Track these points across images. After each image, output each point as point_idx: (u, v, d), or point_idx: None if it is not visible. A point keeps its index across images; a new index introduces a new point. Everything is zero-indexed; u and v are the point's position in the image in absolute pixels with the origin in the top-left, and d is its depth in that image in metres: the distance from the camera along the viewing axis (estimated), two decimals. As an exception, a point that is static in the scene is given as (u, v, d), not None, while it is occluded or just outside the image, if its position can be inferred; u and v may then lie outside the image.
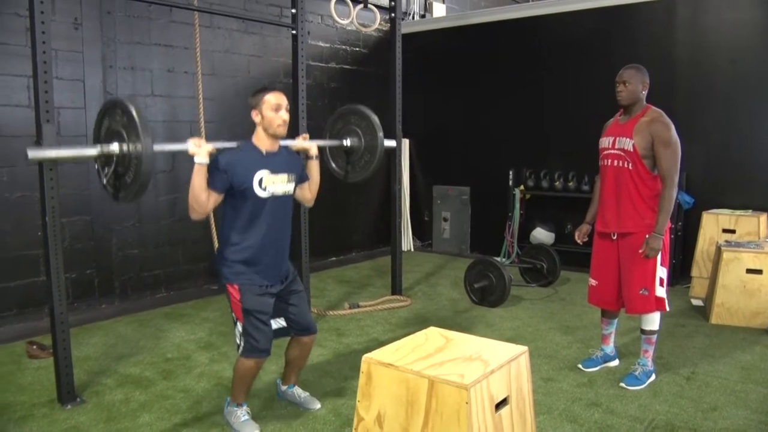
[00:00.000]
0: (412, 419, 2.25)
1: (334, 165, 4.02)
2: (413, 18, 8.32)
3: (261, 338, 3.04)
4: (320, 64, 7.07)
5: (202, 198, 2.88)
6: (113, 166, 2.87)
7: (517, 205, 7.05)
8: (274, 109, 3.01)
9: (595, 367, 3.93)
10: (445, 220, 7.89)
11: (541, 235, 6.87)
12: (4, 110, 4.60)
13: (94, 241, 5.20)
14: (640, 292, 3.58)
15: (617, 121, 3.68)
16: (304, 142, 3.38)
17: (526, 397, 2.50)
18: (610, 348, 3.99)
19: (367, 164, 3.83)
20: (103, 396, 3.57)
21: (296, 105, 4.63)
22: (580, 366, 3.94)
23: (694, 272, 5.51)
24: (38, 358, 4.13)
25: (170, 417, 3.31)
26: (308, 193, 3.37)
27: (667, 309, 3.65)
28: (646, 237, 3.50)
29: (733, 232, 5.32)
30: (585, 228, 3.96)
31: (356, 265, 7.26)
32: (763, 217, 5.35)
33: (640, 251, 3.51)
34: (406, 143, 7.79)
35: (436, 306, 5.45)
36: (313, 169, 3.36)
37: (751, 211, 5.51)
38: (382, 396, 2.34)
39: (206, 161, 2.87)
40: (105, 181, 2.98)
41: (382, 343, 4.06)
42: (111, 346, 4.40)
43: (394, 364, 2.32)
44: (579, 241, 3.96)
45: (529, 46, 7.05)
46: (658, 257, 3.54)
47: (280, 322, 3.27)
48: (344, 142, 3.86)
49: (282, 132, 3.05)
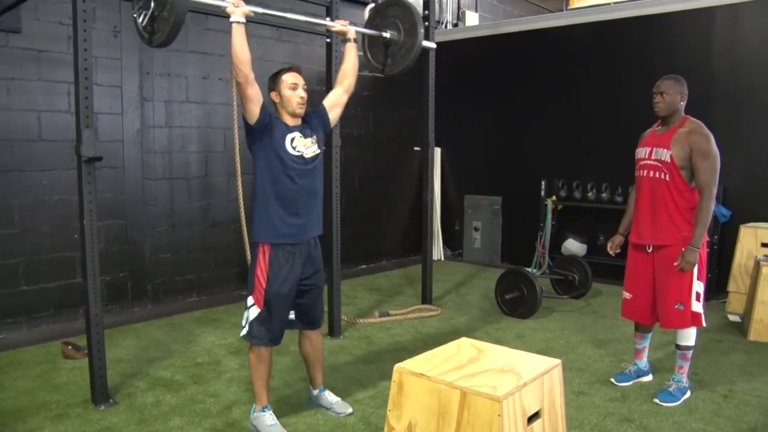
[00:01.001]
0: (443, 430, 2.23)
1: (372, 59, 3.99)
2: (446, 27, 8.32)
3: (272, 329, 3.11)
4: (353, 73, 7.09)
5: (246, 56, 2.96)
6: (150, 8, 2.88)
7: (549, 216, 6.98)
8: (291, 87, 3.10)
9: (628, 381, 3.86)
10: (476, 229, 7.85)
11: (573, 247, 6.79)
12: (45, 115, 4.71)
13: (129, 245, 5.28)
14: (676, 307, 3.50)
15: (654, 131, 3.63)
16: (343, 27, 3.50)
17: (559, 411, 2.47)
18: (643, 363, 3.92)
19: (406, 53, 3.76)
20: (135, 398, 3.62)
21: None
22: (613, 380, 3.88)
23: (731, 287, 5.39)
24: (73, 359, 4.20)
25: (200, 421, 3.33)
26: (345, 79, 3.43)
27: (704, 324, 3.57)
28: (682, 250, 3.43)
29: (772, 246, 5.20)
30: (618, 239, 3.90)
31: (386, 273, 7.25)
32: (804, 232, 5.21)
33: (675, 264, 3.44)
34: (438, 152, 7.78)
35: (466, 316, 5.42)
36: (351, 51, 3.46)
37: (791, 225, 5.37)
38: (414, 406, 2.32)
39: (243, 20, 2.94)
40: (142, 25, 2.98)
41: (411, 353, 4.05)
42: (143, 349, 4.46)
43: (426, 374, 2.30)
44: (611, 253, 3.89)
45: (562, 55, 6.99)
46: (695, 271, 3.47)
47: (291, 315, 3.29)
48: (383, 34, 3.81)
49: (301, 111, 3.12)
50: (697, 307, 3.52)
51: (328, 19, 3.39)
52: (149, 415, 3.39)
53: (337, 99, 3.39)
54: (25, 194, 4.67)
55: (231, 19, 2.93)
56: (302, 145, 3.11)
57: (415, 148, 5.74)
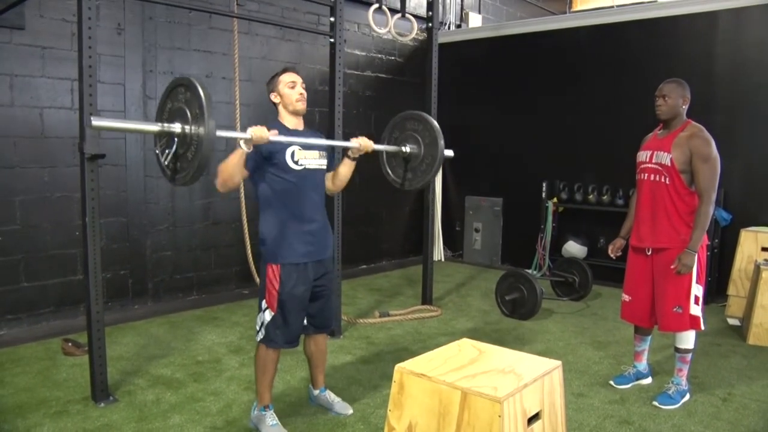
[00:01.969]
0: (443, 431, 2.24)
1: (391, 173, 3.84)
2: (449, 28, 8.33)
3: (288, 332, 3.10)
4: (356, 72, 7.11)
5: (237, 179, 2.94)
6: (174, 147, 2.71)
7: (550, 218, 6.99)
8: (290, 85, 3.09)
9: (628, 384, 3.87)
10: (477, 231, 7.86)
11: (574, 249, 6.80)
12: (48, 112, 4.72)
13: (130, 243, 5.28)
14: (674, 310, 3.51)
15: (656, 135, 3.63)
16: (362, 145, 3.30)
17: (559, 413, 2.47)
18: (642, 365, 3.92)
19: (428, 168, 3.60)
20: (135, 396, 3.62)
21: (333, 112, 4.67)
22: (612, 383, 3.88)
23: (731, 290, 5.39)
24: (73, 356, 4.21)
25: (201, 419, 3.34)
26: (332, 184, 3.37)
27: (702, 328, 3.57)
28: (679, 254, 3.44)
29: (772, 250, 5.20)
30: (619, 242, 3.90)
31: (387, 274, 7.26)
32: (805, 237, 5.22)
33: (672, 267, 3.45)
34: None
35: (466, 317, 5.42)
36: (350, 168, 3.36)
37: (791, 229, 5.38)
38: (414, 406, 2.33)
39: (250, 150, 2.85)
40: (165, 163, 2.82)
41: (412, 353, 4.07)
42: (143, 347, 4.46)
43: (427, 374, 2.31)
44: (612, 256, 3.90)
45: (565, 57, 7.00)
46: (694, 274, 3.47)
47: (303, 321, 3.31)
48: (403, 149, 3.67)
49: (301, 107, 3.11)
50: (696, 310, 3.52)
51: (353, 140, 3.30)
52: (149, 413, 3.40)
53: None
54: (28, 191, 4.68)
55: (243, 147, 2.82)
56: (303, 157, 3.06)
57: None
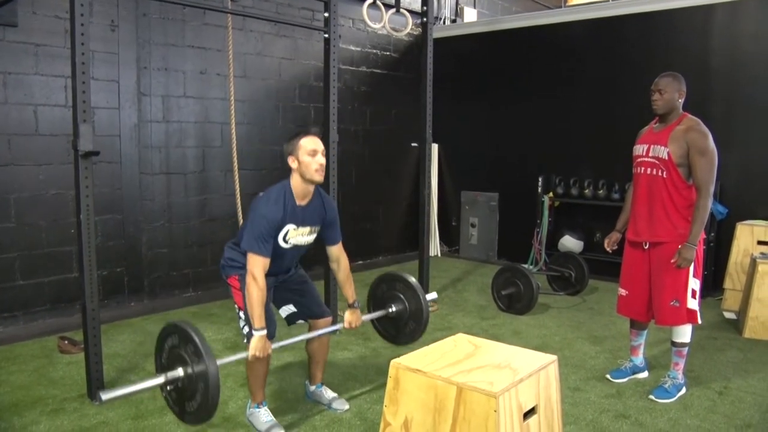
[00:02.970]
0: (439, 426, 2.24)
1: (380, 327, 3.80)
2: (444, 23, 8.31)
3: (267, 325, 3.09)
4: (350, 68, 7.09)
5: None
6: (179, 391, 2.72)
7: (546, 213, 6.99)
8: (310, 154, 2.98)
9: (624, 378, 3.88)
10: (473, 225, 7.86)
11: (570, 243, 6.80)
12: (42, 109, 4.69)
13: (125, 240, 5.27)
14: (671, 304, 3.51)
15: (652, 128, 3.63)
16: (354, 323, 3.41)
17: (555, 407, 2.48)
18: (639, 359, 3.93)
19: (412, 332, 3.60)
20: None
21: (327, 108, 4.65)
22: (609, 377, 3.89)
23: (727, 284, 5.40)
24: (69, 353, 4.20)
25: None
26: (336, 265, 3.39)
27: (699, 322, 3.58)
28: (679, 247, 3.43)
29: (768, 244, 5.21)
30: (615, 236, 3.91)
31: (383, 269, 7.24)
32: (800, 230, 5.22)
33: (672, 261, 3.45)
34: (435, 148, 7.78)
35: (462, 312, 5.42)
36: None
37: (787, 223, 5.38)
38: (410, 402, 2.33)
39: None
40: (169, 404, 2.83)
41: (407, 348, 4.06)
42: (139, 344, 4.46)
43: (423, 369, 2.31)
44: (608, 249, 3.91)
45: (561, 52, 6.99)
46: (691, 268, 3.48)
47: (290, 308, 3.34)
48: (389, 310, 3.65)
49: (319, 178, 3.02)
50: (693, 304, 3.52)
51: (339, 324, 3.41)
52: (145, 410, 3.39)
53: (331, 254, 3.38)
54: (22, 188, 4.65)
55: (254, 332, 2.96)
56: (295, 236, 3.09)
57: (413, 145, 5.74)
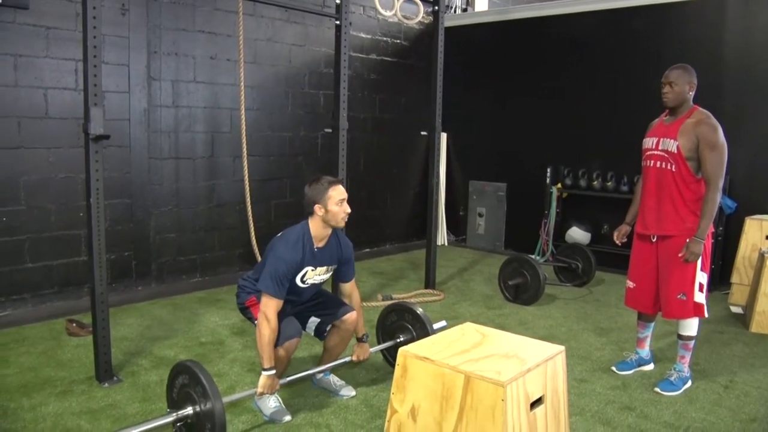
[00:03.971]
0: (446, 414, 2.25)
1: (390, 359, 3.80)
2: (455, 11, 8.26)
3: (286, 325, 3.12)
4: (361, 55, 7.06)
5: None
6: (188, 427, 2.79)
7: (554, 204, 6.97)
8: (338, 203, 3.08)
9: (630, 370, 3.88)
10: (481, 215, 7.85)
11: (577, 235, 6.79)
12: (52, 93, 4.70)
13: (133, 224, 5.29)
14: (678, 297, 3.51)
15: (662, 121, 3.61)
16: (362, 356, 3.45)
17: (561, 398, 2.48)
18: (645, 351, 3.93)
19: None
20: (138, 376, 3.65)
21: (338, 96, 4.64)
22: (614, 369, 3.90)
23: (735, 278, 5.39)
24: (77, 336, 4.23)
25: (204, 400, 3.35)
26: (348, 300, 3.44)
27: (706, 315, 3.57)
28: (687, 241, 3.42)
29: (777, 239, 5.19)
30: (624, 229, 3.91)
31: (390, 257, 7.27)
32: (810, 225, 5.20)
33: (680, 255, 3.44)
34: (444, 137, 7.76)
35: (469, 301, 5.43)
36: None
37: (796, 218, 5.36)
38: (417, 389, 2.34)
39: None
40: None
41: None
42: (147, 328, 4.48)
43: (431, 358, 2.31)
44: (618, 242, 3.90)
45: (571, 42, 6.94)
46: (699, 262, 3.47)
47: (314, 320, 3.39)
48: (398, 340, 3.70)
49: (343, 224, 3.15)
50: (700, 297, 3.52)
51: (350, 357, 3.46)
52: (153, 393, 3.42)
53: (344, 291, 3.46)
54: (32, 171, 4.67)
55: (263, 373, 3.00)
56: (312, 276, 3.19)
57: (422, 133, 5.72)
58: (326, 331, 3.39)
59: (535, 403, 2.29)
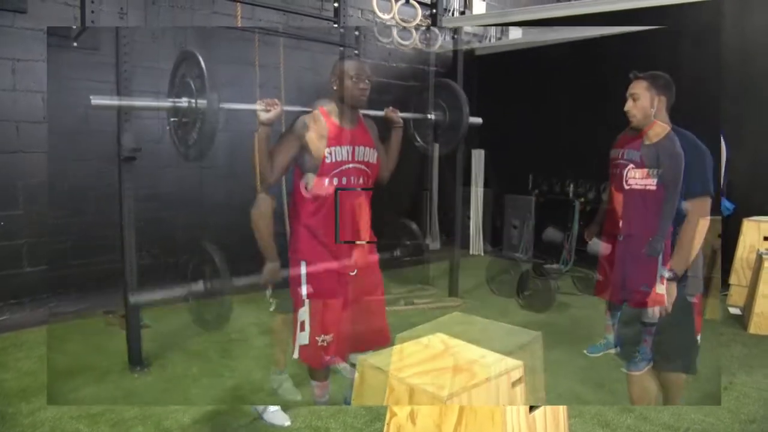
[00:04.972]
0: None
1: (419, 138, 3.75)
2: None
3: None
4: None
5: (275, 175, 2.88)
6: (181, 122, 2.66)
7: (577, 216, 7.10)
8: (352, 76, 2.83)
9: (598, 353, 4.24)
10: (515, 227, 8.01)
11: (597, 247, 6.81)
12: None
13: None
14: (642, 288, 3.58)
15: (627, 133, 3.71)
16: (392, 115, 3.17)
17: (539, 380, 2.49)
18: (612, 336, 4.05)
19: (449, 141, 3.62)
20: (165, 368, 3.80)
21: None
22: (585, 351, 4.26)
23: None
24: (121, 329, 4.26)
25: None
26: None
27: (665, 304, 3.61)
28: (649, 239, 3.48)
29: (774, 240, 5.19)
30: (593, 229, 4.35)
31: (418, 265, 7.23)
32: (808, 226, 5.21)
33: (643, 251, 3.51)
34: (481, 154, 7.99)
35: (486, 309, 5.37)
36: (395, 140, 3.19)
37: (795, 219, 5.36)
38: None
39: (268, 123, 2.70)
40: (175, 139, 2.76)
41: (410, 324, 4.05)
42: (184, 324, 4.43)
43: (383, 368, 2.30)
44: (587, 240, 4.29)
45: (571, 45, 6.90)
46: (660, 258, 3.53)
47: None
48: (429, 116, 3.58)
49: (360, 101, 2.87)
50: (661, 289, 3.58)
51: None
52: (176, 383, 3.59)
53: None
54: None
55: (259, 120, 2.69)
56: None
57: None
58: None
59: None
